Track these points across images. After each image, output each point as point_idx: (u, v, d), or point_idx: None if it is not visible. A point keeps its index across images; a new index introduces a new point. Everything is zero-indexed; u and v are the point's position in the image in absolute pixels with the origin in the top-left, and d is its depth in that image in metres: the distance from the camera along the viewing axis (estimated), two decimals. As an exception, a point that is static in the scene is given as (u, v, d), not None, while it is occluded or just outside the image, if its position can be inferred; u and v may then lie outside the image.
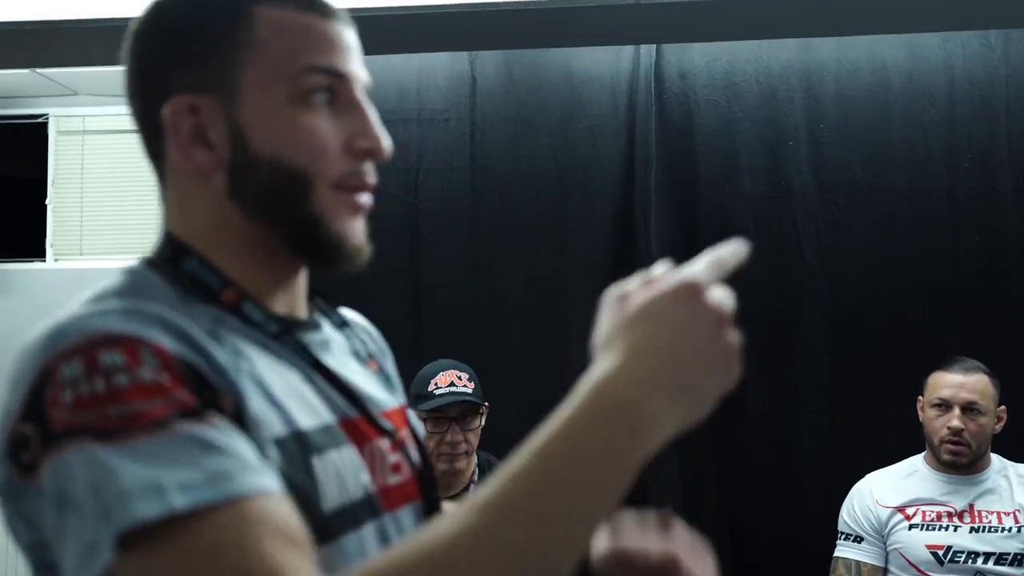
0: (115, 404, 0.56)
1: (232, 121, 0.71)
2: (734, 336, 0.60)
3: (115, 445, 0.55)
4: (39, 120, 3.80)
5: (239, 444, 0.58)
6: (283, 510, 0.57)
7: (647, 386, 0.57)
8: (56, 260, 3.68)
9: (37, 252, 3.73)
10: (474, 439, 2.10)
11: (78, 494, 0.54)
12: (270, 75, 0.70)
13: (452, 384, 2.08)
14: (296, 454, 0.66)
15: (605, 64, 2.51)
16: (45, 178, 3.74)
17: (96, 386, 0.56)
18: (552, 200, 2.51)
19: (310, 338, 0.77)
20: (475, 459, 2.15)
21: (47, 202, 3.72)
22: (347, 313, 0.92)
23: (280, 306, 0.77)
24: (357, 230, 0.75)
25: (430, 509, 0.79)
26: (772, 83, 2.47)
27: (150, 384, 0.57)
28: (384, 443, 0.76)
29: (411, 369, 2.46)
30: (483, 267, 2.52)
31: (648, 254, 2.44)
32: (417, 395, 2.11)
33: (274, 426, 0.65)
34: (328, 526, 0.66)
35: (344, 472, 0.69)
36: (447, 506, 0.84)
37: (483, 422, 2.15)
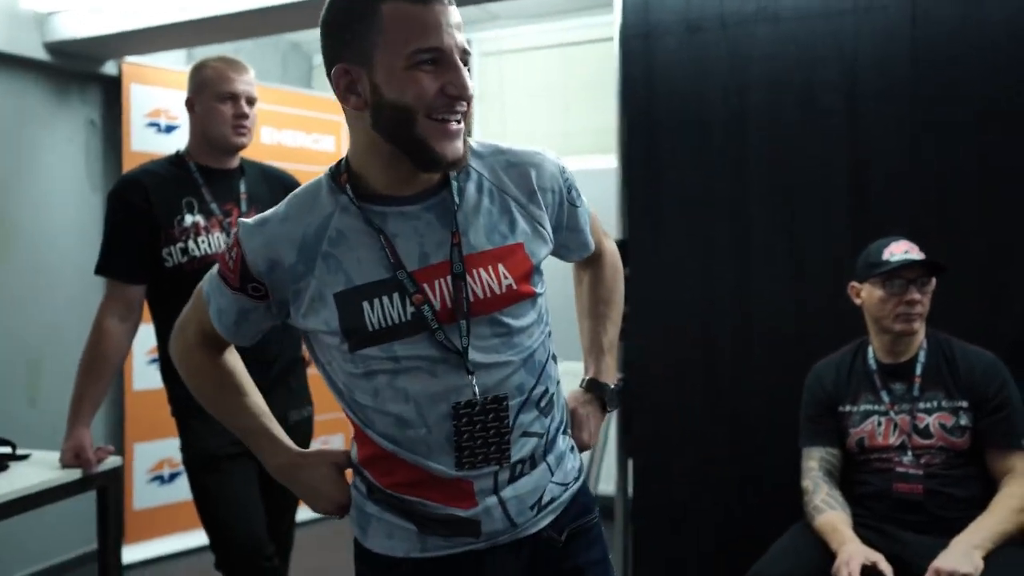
0: (220, 261, 1.24)
1: (372, 81, 1.11)
2: None
3: (212, 271, 1.28)
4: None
5: (230, 304, 1.24)
6: (212, 324, 1.29)
7: None
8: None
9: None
10: (928, 304, 2.17)
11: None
12: (392, 53, 1.09)
13: (906, 252, 2.17)
14: (351, 299, 1.14)
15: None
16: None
17: (225, 250, 1.24)
18: (1006, 84, 2.35)
19: (396, 209, 1.17)
20: (923, 329, 2.20)
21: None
22: (495, 160, 1.25)
23: (408, 191, 1.18)
24: (452, 147, 1.12)
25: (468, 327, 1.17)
26: None
27: (228, 263, 1.22)
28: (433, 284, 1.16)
29: (847, 250, 2.49)
30: (926, 157, 2.47)
31: None
32: (871, 264, 2.22)
33: (337, 285, 1.15)
34: (373, 336, 1.14)
35: (388, 307, 1.14)
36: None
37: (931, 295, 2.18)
